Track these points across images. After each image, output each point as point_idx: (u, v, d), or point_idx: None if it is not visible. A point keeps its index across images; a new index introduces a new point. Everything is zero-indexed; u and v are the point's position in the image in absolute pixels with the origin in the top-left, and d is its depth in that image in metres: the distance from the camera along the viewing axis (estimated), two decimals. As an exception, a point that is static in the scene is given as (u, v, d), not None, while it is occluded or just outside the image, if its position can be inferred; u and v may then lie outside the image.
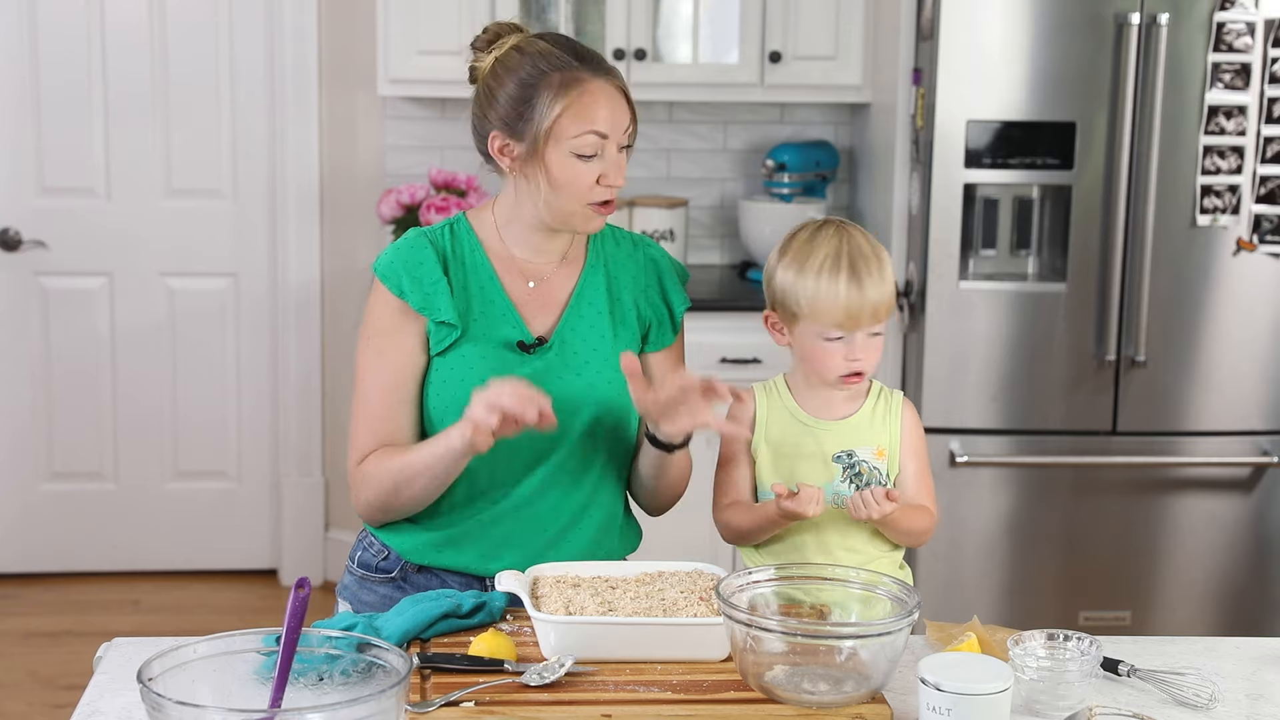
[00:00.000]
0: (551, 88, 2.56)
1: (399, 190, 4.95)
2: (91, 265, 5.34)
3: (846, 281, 2.50)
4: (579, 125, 2.55)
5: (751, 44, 4.93)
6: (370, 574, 2.69)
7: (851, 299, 2.51)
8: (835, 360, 2.55)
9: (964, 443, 4.48)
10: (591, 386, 2.63)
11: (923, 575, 4.50)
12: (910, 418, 2.63)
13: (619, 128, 2.57)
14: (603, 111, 2.56)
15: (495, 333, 2.62)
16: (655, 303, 2.72)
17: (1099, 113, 4.36)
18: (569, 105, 2.55)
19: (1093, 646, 2.23)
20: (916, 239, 4.51)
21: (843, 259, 2.51)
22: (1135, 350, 4.42)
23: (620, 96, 2.58)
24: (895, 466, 2.60)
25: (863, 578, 2.29)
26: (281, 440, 5.48)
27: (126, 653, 2.36)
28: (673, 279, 2.74)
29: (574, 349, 2.64)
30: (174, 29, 5.25)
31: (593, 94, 2.56)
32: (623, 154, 2.60)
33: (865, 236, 2.56)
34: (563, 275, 2.69)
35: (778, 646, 2.12)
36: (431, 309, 2.60)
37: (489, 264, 2.66)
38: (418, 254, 2.63)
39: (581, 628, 2.24)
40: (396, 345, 2.62)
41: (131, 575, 5.49)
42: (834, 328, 2.53)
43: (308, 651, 1.98)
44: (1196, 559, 4.55)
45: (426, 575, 2.66)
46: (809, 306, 2.53)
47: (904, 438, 2.61)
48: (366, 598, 2.69)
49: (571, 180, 2.57)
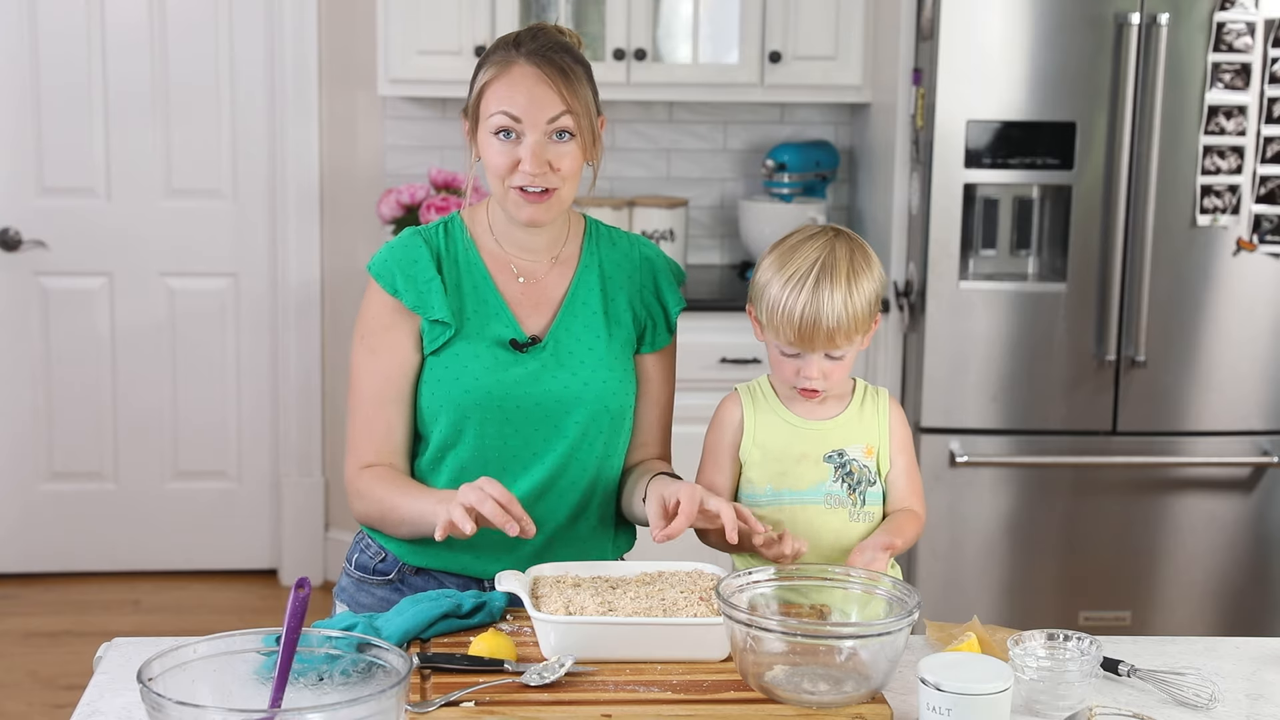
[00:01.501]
0: (486, 65, 2.59)
1: (399, 190, 4.95)
2: (91, 265, 5.34)
3: (805, 302, 2.46)
4: (494, 104, 2.56)
5: (751, 44, 4.93)
6: (368, 576, 2.69)
7: (806, 320, 2.46)
8: (788, 373, 2.54)
9: (964, 443, 4.48)
10: (586, 386, 2.63)
11: (923, 575, 4.50)
12: (897, 414, 2.62)
13: (538, 114, 2.54)
14: (517, 94, 2.54)
15: (489, 331, 2.62)
16: (650, 303, 2.72)
17: (1099, 113, 4.36)
18: (489, 83, 2.57)
19: (1093, 646, 2.23)
20: (916, 239, 4.51)
21: (810, 276, 2.47)
22: (1135, 350, 4.43)
23: (546, 84, 2.54)
24: (885, 463, 2.60)
25: (862, 578, 2.29)
26: (281, 440, 5.48)
27: (126, 653, 2.36)
28: (668, 278, 2.74)
29: (568, 349, 2.64)
30: (174, 29, 5.25)
31: (512, 76, 2.55)
32: (556, 141, 2.56)
33: (852, 255, 2.50)
34: (556, 275, 2.69)
35: (778, 646, 2.12)
36: (425, 307, 2.60)
37: (482, 262, 2.66)
38: (411, 252, 2.63)
39: (581, 628, 2.24)
40: (389, 344, 2.62)
41: (131, 575, 5.49)
42: (786, 343, 2.52)
43: (308, 651, 1.98)
44: (1196, 559, 4.55)
45: (424, 577, 2.66)
46: (767, 316, 2.52)
47: (892, 435, 2.60)
48: (364, 600, 2.69)
49: (489, 160, 2.58)
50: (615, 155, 5.28)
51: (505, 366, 2.60)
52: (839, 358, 2.52)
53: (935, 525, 4.46)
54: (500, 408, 2.59)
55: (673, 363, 2.77)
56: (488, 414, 2.59)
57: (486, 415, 2.59)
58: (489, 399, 2.59)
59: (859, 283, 2.49)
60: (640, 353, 2.72)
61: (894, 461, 2.60)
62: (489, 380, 2.59)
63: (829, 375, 2.52)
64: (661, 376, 2.75)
